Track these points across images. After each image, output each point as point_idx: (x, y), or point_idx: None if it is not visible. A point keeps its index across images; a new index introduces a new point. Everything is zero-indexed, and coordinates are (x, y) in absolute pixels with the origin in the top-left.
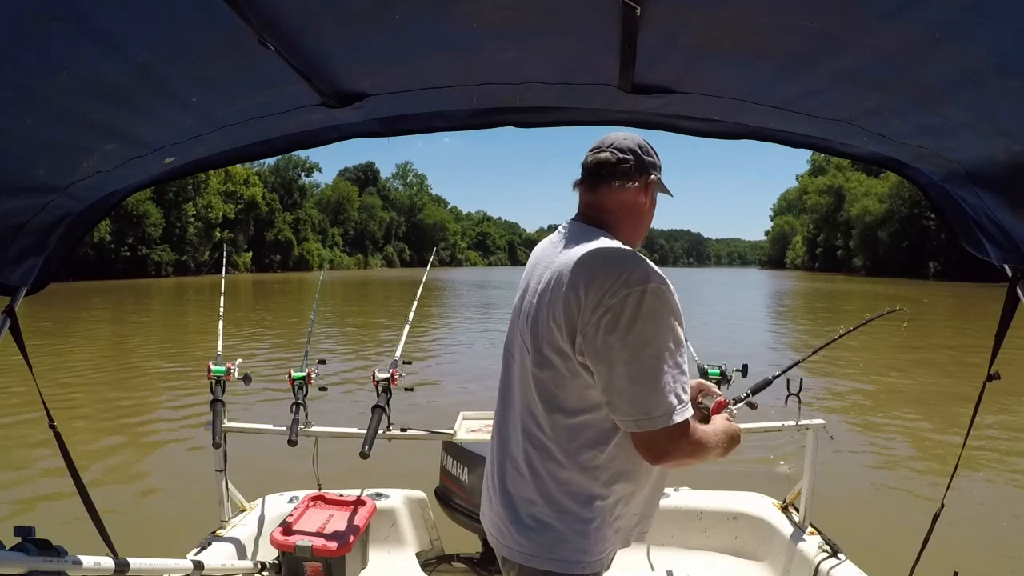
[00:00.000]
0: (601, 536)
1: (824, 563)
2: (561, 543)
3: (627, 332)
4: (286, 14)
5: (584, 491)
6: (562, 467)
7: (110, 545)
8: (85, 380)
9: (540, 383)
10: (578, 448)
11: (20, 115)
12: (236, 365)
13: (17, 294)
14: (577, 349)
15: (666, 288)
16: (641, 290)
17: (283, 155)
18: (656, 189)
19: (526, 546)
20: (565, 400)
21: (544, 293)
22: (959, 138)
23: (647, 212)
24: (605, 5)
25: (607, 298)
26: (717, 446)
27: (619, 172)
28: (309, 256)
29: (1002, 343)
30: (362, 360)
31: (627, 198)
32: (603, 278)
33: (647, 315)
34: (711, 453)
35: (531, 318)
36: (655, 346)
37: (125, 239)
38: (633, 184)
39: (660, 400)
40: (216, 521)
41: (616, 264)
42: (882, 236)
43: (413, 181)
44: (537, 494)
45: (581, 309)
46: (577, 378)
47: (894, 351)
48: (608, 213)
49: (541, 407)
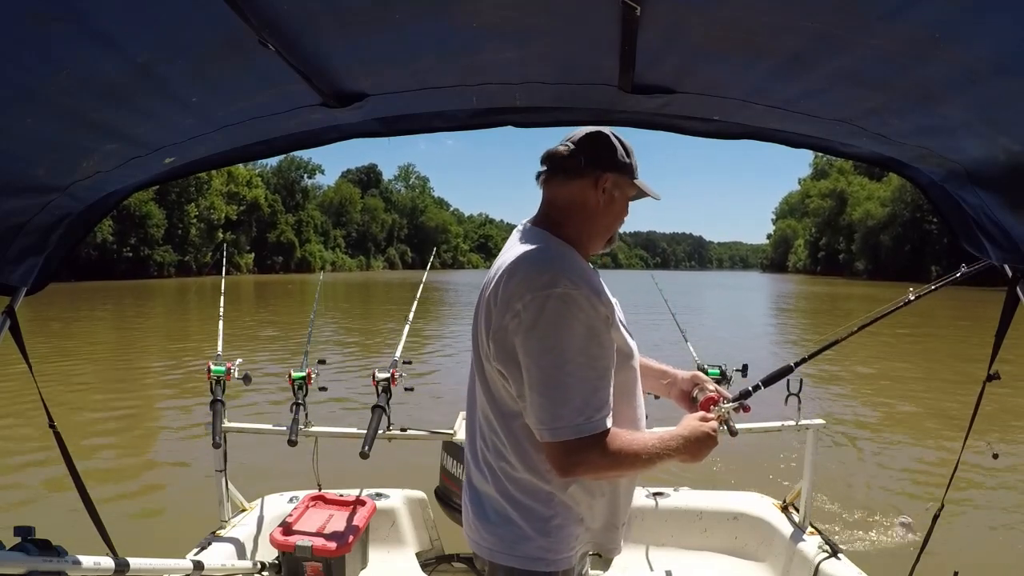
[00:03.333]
0: (566, 535)
1: (824, 563)
2: (523, 540)
3: (527, 338)
4: (286, 14)
5: (540, 489)
6: (513, 467)
7: (110, 545)
8: (85, 380)
9: (484, 386)
10: (525, 450)
11: (20, 115)
12: (236, 365)
13: (17, 294)
14: (493, 355)
15: (578, 293)
16: (545, 295)
17: (285, 156)
18: (615, 188)
19: (491, 541)
20: (503, 403)
21: (482, 297)
22: (959, 138)
23: (600, 212)
24: (605, 5)
25: (514, 302)
26: (655, 454)
27: (567, 166)
28: (311, 258)
29: (1002, 343)
30: (362, 360)
31: (573, 194)
32: (516, 282)
33: (549, 322)
34: (644, 463)
35: (475, 322)
36: (557, 354)
37: (127, 240)
38: (580, 180)
39: (562, 411)
40: (216, 521)
41: (529, 268)
42: (884, 240)
43: (415, 183)
44: (496, 492)
45: (494, 314)
46: (504, 382)
47: (894, 351)
48: (555, 209)
49: (489, 409)
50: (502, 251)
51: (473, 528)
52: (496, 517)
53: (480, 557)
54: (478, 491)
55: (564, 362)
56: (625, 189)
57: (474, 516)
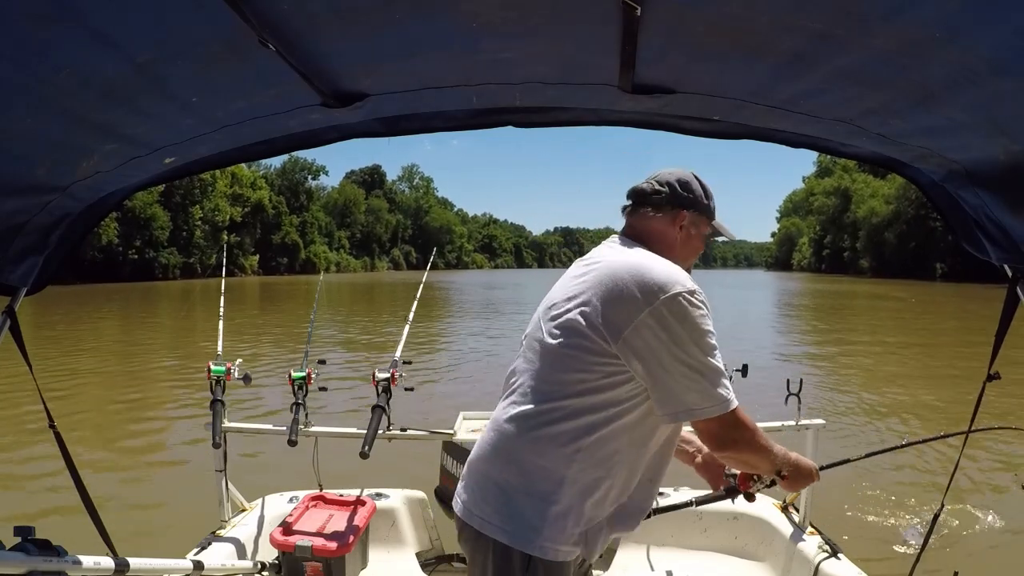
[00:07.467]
0: (561, 526)
1: (824, 563)
2: (517, 517)
3: (673, 331)
4: (286, 14)
5: (557, 472)
6: (548, 443)
7: (110, 545)
8: (86, 380)
9: (556, 362)
10: (568, 429)
11: (20, 115)
12: (236, 365)
13: (17, 294)
14: (610, 342)
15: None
16: (682, 293)
17: (289, 157)
18: (692, 226)
19: (486, 512)
20: (574, 382)
21: (591, 286)
22: (959, 138)
23: (679, 244)
24: (605, 5)
25: (649, 298)
26: (778, 456)
27: (651, 202)
28: (316, 259)
29: (1002, 343)
30: (362, 360)
31: (656, 227)
32: (650, 281)
33: (693, 316)
34: (771, 459)
35: (568, 303)
36: (705, 343)
37: (132, 242)
38: (661, 215)
39: (718, 389)
40: (216, 521)
41: (659, 267)
42: (889, 237)
43: (419, 184)
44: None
45: (625, 305)
46: (585, 365)
47: (895, 350)
48: (642, 237)
49: (550, 385)
50: (593, 253)
51: (469, 500)
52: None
53: (470, 527)
54: (487, 466)
55: (712, 348)
56: (701, 227)
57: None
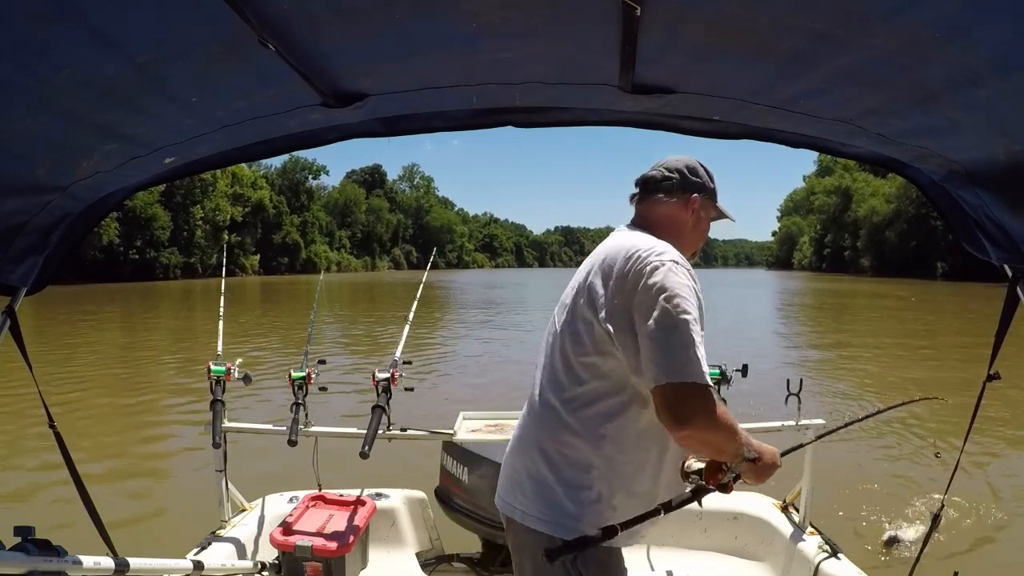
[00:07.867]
0: (597, 510)
1: (824, 563)
2: (554, 505)
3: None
4: (286, 14)
5: (584, 459)
6: (571, 432)
7: (110, 545)
8: (86, 381)
9: (566, 351)
10: (589, 417)
11: (20, 115)
12: (236, 365)
13: (17, 294)
14: (603, 317)
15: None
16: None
17: (289, 157)
18: (702, 209)
19: (524, 504)
20: (584, 368)
21: (590, 272)
22: (959, 138)
23: (690, 228)
24: (605, 5)
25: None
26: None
27: (662, 188)
28: (316, 259)
29: (1002, 343)
30: (363, 360)
31: (667, 211)
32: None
33: (671, 282)
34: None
35: (574, 292)
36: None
37: (133, 242)
38: (673, 200)
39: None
40: (216, 521)
41: (652, 243)
42: (889, 236)
43: (420, 183)
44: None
45: (613, 280)
46: (597, 347)
47: (895, 350)
48: (651, 223)
49: (564, 374)
50: (605, 243)
51: (509, 491)
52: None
53: (511, 520)
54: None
55: (684, 313)
56: (709, 210)
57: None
